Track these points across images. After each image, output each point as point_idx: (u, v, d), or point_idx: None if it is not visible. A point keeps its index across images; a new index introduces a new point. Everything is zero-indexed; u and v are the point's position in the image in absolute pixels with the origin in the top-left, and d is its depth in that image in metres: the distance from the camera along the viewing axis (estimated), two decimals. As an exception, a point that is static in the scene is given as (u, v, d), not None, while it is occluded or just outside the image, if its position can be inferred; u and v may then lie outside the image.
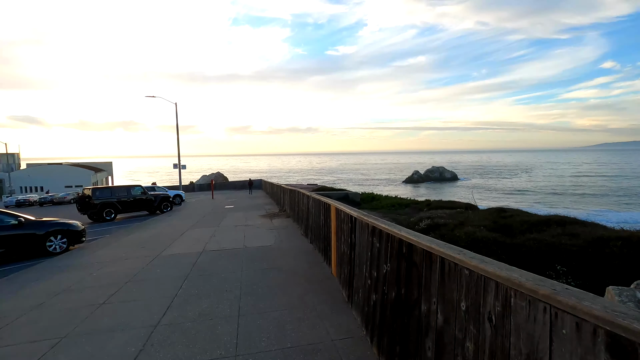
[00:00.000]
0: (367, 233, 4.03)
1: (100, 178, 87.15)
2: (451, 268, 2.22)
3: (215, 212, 19.60)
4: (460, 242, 6.51)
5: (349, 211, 4.93)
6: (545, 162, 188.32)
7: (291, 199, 14.27)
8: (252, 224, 13.80)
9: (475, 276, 1.96)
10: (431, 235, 7.85)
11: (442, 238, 6.50)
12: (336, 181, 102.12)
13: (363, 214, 4.39)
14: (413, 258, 2.83)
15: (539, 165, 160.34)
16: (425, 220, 8.81)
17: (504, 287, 1.74)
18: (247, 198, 30.65)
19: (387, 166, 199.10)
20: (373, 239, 3.84)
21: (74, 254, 10.22)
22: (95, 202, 20.78)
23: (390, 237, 3.31)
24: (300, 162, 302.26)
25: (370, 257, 3.96)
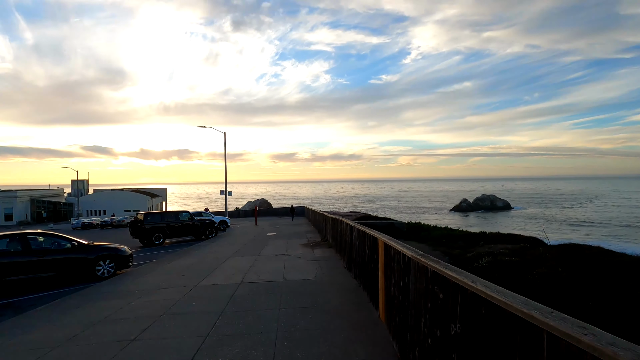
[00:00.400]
0: (426, 278, 3.32)
1: (155, 203, 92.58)
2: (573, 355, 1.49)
3: (257, 240, 19.44)
4: (542, 294, 5.47)
5: (400, 248, 4.24)
6: (613, 190, 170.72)
7: (333, 228, 13.66)
8: (292, 254, 13.30)
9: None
10: (494, 278, 6.80)
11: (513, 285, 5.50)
12: (379, 209, 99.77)
13: (419, 253, 3.69)
14: (498, 324, 2.10)
15: (606, 194, 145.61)
16: (486, 258, 7.74)
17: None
18: (289, 225, 30.44)
19: (433, 194, 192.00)
20: (434, 287, 3.12)
21: (119, 280, 10.31)
22: (146, 226, 21.59)
23: (460, 288, 2.60)
24: (343, 189, 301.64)
25: (430, 309, 3.22)
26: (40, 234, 10.80)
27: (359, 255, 7.83)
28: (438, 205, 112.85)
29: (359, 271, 7.79)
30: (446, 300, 2.86)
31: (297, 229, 26.25)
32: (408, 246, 4.20)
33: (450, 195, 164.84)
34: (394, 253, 4.61)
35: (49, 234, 10.90)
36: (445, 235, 15.07)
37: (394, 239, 5.08)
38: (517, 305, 1.88)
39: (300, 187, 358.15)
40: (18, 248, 10.01)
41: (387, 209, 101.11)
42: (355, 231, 8.26)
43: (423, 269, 3.41)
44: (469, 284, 2.43)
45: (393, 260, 4.69)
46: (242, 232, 26.36)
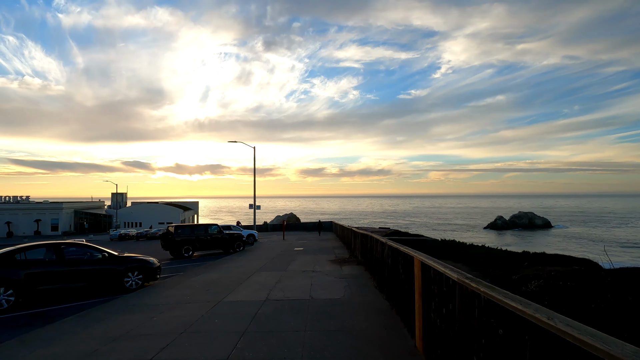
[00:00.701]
0: (479, 308, 2.78)
1: (187, 216, 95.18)
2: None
3: (284, 255, 19.11)
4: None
5: (442, 269, 3.70)
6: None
7: (363, 244, 13.07)
8: (320, 270, 12.81)
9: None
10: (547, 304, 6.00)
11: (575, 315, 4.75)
12: (409, 225, 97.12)
13: (467, 276, 3.15)
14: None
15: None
16: (535, 281, 6.92)
17: None
18: (317, 240, 29.97)
19: (465, 210, 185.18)
20: (490, 319, 2.58)
21: (145, 292, 10.23)
22: (176, 239, 21.87)
23: (530, 326, 2.07)
24: (371, 204, 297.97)
25: (485, 347, 2.67)
26: (72, 244, 11.01)
27: (391, 275, 7.25)
28: (471, 223, 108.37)
29: (392, 292, 7.20)
30: (509, 339, 2.32)
31: (324, 244, 25.72)
32: (452, 267, 3.66)
33: (483, 212, 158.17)
34: (435, 274, 4.07)
35: (81, 245, 11.09)
36: (483, 254, 14.03)
37: (433, 258, 4.53)
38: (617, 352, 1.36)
39: (328, 202, 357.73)
40: (52, 258, 10.20)
41: (417, 226, 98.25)
42: (387, 248, 7.70)
43: (474, 295, 2.87)
44: (544, 321, 1.90)
45: (433, 282, 4.14)
46: (269, 246, 26.17)
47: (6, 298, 9.21)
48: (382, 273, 8.47)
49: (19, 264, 9.66)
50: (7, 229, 77.17)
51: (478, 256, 13.98)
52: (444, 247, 17.63)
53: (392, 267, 7.06)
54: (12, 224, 77.96)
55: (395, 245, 6.70)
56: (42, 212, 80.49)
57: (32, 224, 79.06)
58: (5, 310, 9.06)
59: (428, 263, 4.32)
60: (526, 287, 6.80)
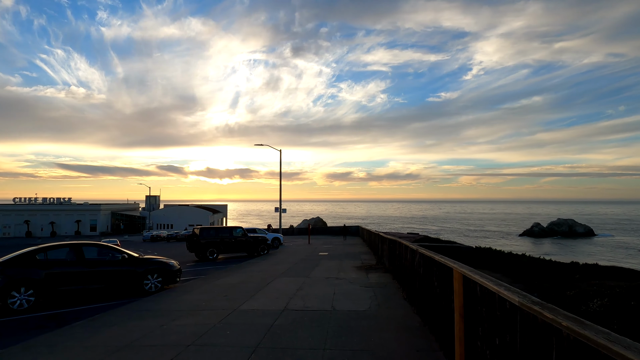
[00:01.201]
0: (560, 349, 1.98)
1: (216, 219, 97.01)
2: None
3: (308, 259, 18.49)
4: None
5: (494, 288, 2.89)
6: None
7: (391, 250, 12.19)
8: (344, 277, 12.05)
9: None
10: (616, 329, 4.97)
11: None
12: (439, 231, 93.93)
13: (534, 300, 2.34)
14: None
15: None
16: (598, 300, 5.84)
17: None
18: (342, 245, 29.16)
19: (498, 216, 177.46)
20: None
21: (163, 296, 9.89)
22: (201, 241, 21.81)
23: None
24: (399, 209, 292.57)
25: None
26: (93, 245, 10.90)
27: (423, 286, 6.41)
28: (505, 229, 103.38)
29: (424, 306, 6.35)
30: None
31: (350, 249, 24.89)
32: (509, 286, 2.83)
33: (518, 219, 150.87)
34: (483, 292, 3.25)
35: (102, 245, 10.97)
36: (525, 263, 12.72)
37: (477, 271, 3.70)
38: None
39: (355, 207, 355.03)
40: (72, 258, 10.10)
41: (447, 232, 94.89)
42: (419, 256, 6.86)
43: (549, 329, 2.07)
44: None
45: (480, 302, 3.32)
46: (294, 250, 25.66)
47: (26, 298, 9.14)
48: (413, 283, 7.61)
49: (40, 264, 9.59)
50: (51, 229, 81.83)
51: (519, 266, 12.70)
52: (479, 255, 16.35)
53: (425, 278, 6.22)
54: (55, 224, 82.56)
55: (429, 254, 5.87)
56: (82, 214, 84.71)
57: (73, 225, 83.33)
58: (25, 310, 8.98)
59: (473, 278, 3.51)
60: (587, 307, 5.74)
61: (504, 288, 2.77)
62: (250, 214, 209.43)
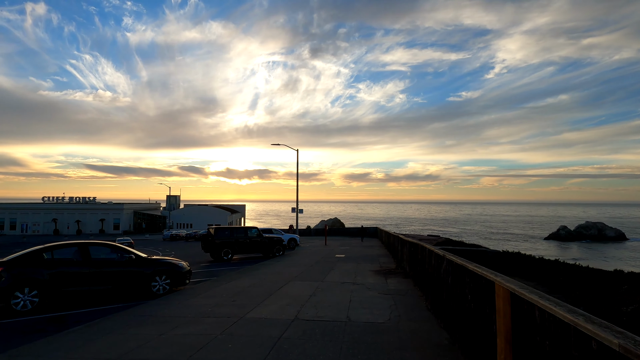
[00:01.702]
0: None
1: (235, 218, 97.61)
2: None
3: (324, 262, 17.77)
4: None
5: (570, 318, 2.09)
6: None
7: (412, 254, 11.33)
8: (361, 282, 11.25)
9: None
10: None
11: None
12: (460, 233, 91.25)
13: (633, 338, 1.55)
14: None
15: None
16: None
17: None
18: (360, 247, 28.29)
19: (522, 218, 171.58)
20: None
21: (169, 299, 9.39)
22: (216, 241, 21.43)
23: None
24: (418, 210, 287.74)
25: None
26: (101, 244, 10.53)
27: (452, 298, 5.58)
28: (529, 232, 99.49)
29: (453, 321, 5.52)
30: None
31: (368, 251, 24.01)
32: (591, 316, 2.03)
33: (543, 222, 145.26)
34: (547, 320, 2.44)
35: (109, 245, 10.59)
36: (562, 271, 11.56)
37: (534, 289, 2.89)
38: None
39: (373, 208, 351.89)
40: (79, 258, 9.75)
41: (468, 234, 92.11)
42: (446, 263, 6.03)
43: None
44: None
45: (543, 331, 2.51)
46: (310, 251, 25.00)
47: (30, 299, 8.81)
48: (438, 293, 6.77)
49: (45, 264, 9.26)
50: (77, 227, 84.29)
51: (554, 273, 11.56)
52: (507, 261, 15.20)
53: (455, 289, 5.40)
54: (81, 223, 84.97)
55: (460, 261, 5.04)
56: (106, 212, 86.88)
57: (98, 223, 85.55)
58: (29, 312, 8.64)
59: (528, 298, 2.69)
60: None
61: (585, 319, 1.97)
62: (269, 214, 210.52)
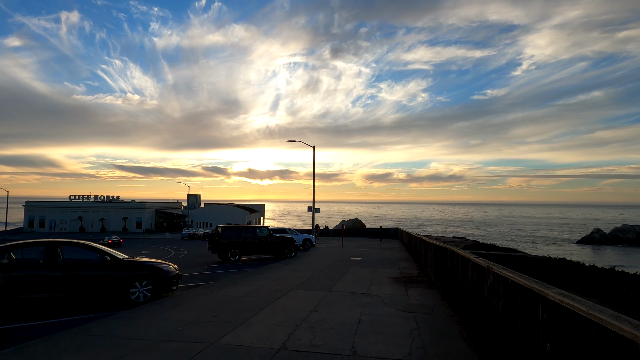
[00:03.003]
0: None
1: (254, 218, 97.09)
2: None
3: (336, 265, 15.97)
4: None
5: None
6: None
7: (438, 260, 9.36)
8: (376, 293, 9.38)
9: None
10: None
11: None
12: (485, 236, 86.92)
13: None
14: None
15: None
16: None
17: None
18: (379, 249, 26.27)
19: (551, 221, 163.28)
20: None
21: (140, 312, 7.84)
22: (223, 241, 20.03)
23: None
24: (441, 211, 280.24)
25: None
26: (72, 243, 9.11)
27: (509, 335, 3.69)
28: (559, 235, 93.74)
29: (500, 354, 3.61)
30: None
31: (387, 254, 22.00)
32: None
33: (575, 224, 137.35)
34: None
35: (82, 245, 9.17)
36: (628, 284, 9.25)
37: None
38: None
39: (395, 208, 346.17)
40: (44, 260, 8.38)
41: (492, 236, 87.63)
42: (494, 279, 4.12)
43: None
44: None
45: None
46: (324, 253, 23.23)
47: (-22, 308, 7.51)
48: (480, 319, 4.85)
49: (1, 267, 7.94)
50: (101, 225, 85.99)
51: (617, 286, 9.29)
52: (551, 268, 12.88)
53: (513, 323, 3.50)
54: (105, 221, 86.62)
55: (524, 282, 3.14)
56: (128, 211, 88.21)
57: (121, 221, 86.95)
58: (-23, 323, 7.34)
59: None
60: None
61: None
62: (290, 214, 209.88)
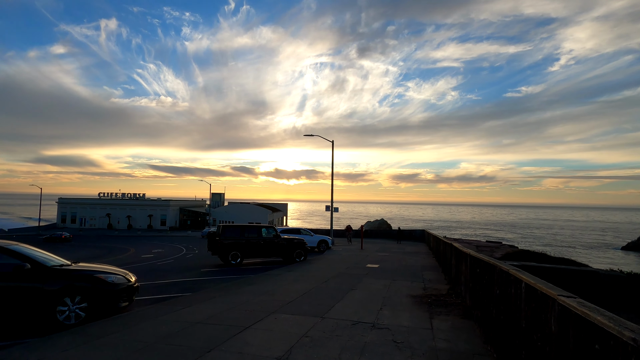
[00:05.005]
0: None
1: (276, 217, 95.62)
2: None
3: (346, 275, 13.33)
4: None
5: None
6: None
7: (477, 278, 6.56)
8: (387, 325, 6.69)
9: None
10: None
11: None
12: (519, 239, 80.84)
13: None
14: None
15: None
16: None
17: None
18: (400, 253, 23.31)
19: (592, 224, 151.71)
20: None
21: (58, 341, 5.64)
22: (223, 242, 17.86)
23: None
24: (471, 213, 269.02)
25: None
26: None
27: None
28: (602, 240, 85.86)
29: None
30: None
31: (410, 260, 19.07)
32: None
33: (619, 229, 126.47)
34: None
35: (1, 247, 7.09)
36: None
37: None
38: None
39: (422, 209, 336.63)
40: None
41: (529, 240, 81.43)
42: None
43: None
44: None
45: None
46: (338, 257, 20.61)
47: None
48: None
49: None
50: (127, 222, 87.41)
51: None
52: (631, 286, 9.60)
53: None
54: (132, 218, 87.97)
55: None
56: (153, 209, 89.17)
57: (146, 219, 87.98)
58: None
59: None
60: None
61: None
62: (314, 214, 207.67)
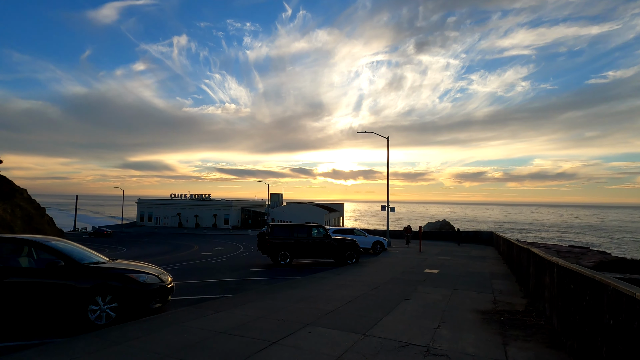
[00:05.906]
0: None
1: (332, 217, 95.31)
2: None
3: (400, 280, 11.86)
4: None
5: None
6: None
7: (568, 292, 4.86)
8: (445, 352, 5.22)
9: None
10: None
11: None
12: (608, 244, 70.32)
13: None
14: None
15: None
16: None
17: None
18: (465, 257, 20.94)
19: None
20: None
21: (78, 345, 5.20)
22: (273, 242, 17.39)
23: None
24: (548, 214, 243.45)
25: None
26: (16, 239, 6.96)
27: None
28: None
29: None
30: None
31: (476, 266, 16.85)
32: None
33: None
34: None
35: (24, 240, 6.90)
36: None
37: None
38: None
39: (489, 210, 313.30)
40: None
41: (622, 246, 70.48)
42: None
43: None
44: None
45: None
46: (393, 260, 19.06)
47: None
48: None
49: None
50: (195, 221, 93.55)
51: None
52: None
53: None
54: (199, 217, 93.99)
55: None
56: (218, 209, 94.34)
57: (211, 218, 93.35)
58: None
59: None
60: None
61: None
62: (372, 215, 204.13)
